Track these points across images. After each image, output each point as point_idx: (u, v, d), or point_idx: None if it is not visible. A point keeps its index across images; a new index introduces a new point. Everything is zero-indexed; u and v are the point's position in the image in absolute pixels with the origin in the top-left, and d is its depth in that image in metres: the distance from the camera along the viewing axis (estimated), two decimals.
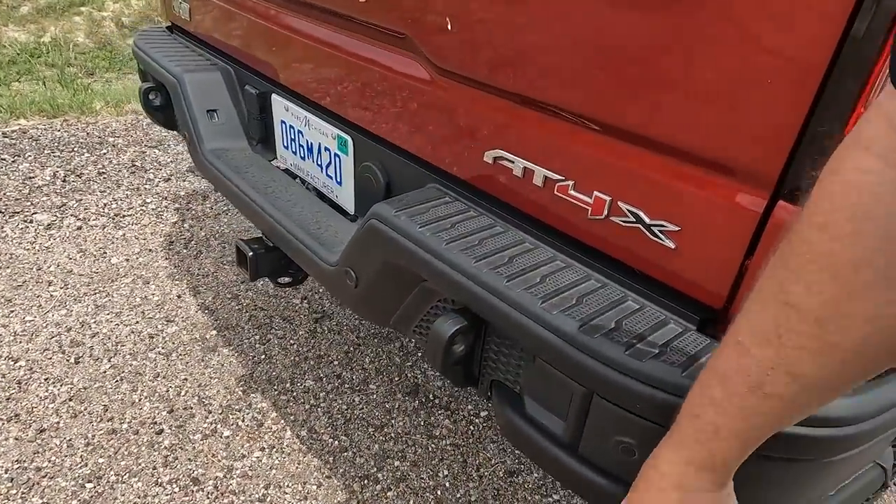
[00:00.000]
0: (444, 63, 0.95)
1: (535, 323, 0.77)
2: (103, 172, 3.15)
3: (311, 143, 1.38)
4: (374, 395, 1.95)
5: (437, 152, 1.03)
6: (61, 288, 2.27)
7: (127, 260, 2.48)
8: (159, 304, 2.25)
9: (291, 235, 1.23)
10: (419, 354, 2.13)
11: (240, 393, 1.90)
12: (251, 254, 1.38)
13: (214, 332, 2.14)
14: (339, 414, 1.87)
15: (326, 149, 1.33)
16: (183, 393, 1.88)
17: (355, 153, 1.25)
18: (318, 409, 1.88)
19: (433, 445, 1.80)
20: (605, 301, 0.80)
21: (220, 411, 1.83)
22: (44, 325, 2.08)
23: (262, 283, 2.44)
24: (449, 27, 0.90)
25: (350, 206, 1.33)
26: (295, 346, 2.13)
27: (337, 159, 1.31)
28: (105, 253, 2.51)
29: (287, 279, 1.51)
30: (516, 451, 1.80)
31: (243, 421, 1.81)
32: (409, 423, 1.86)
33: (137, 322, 2.15)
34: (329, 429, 1.81)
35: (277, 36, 1.34)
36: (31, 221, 2.66)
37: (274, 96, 1.46)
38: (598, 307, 0.79)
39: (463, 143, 0.97)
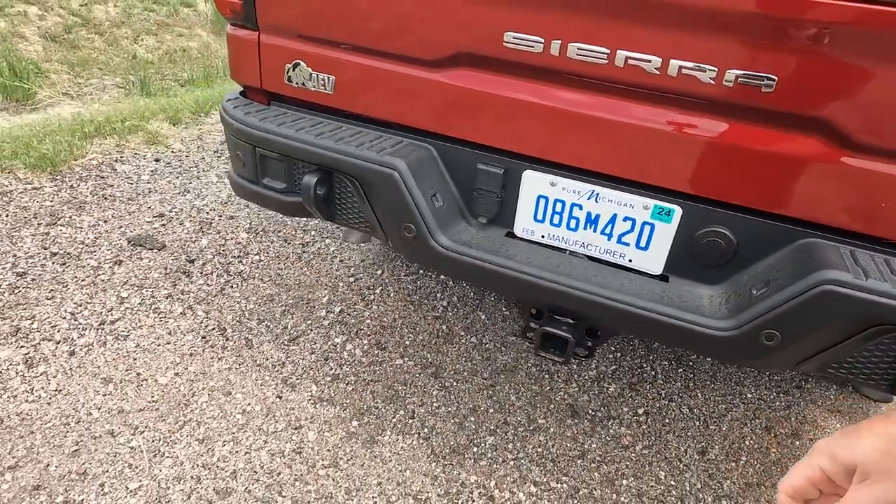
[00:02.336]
0: (874, 140, 1.10)
1: None
2: (22, 276, 2.43)
3: (596, 215, 1.39)
4: (551, 429, 2.02)
5: (836, 214, 1.18)
6: (134, 433, 1.81)
7: (176, 374, 2.05)
8: (267, 414, 1.94)
9: (649, 312, 1.27)
10: (549, 373, 2.22)
11: (442, 475, 1.81)
12: (571, 337, 1.36)
13: (356, 424, 1.95)
14: (541, 458, 1.90)
15: (628, 218, 1.36)
16: (395, 499, 1.72)
17: (682, 220, 1.32)
18: (521, 459, 1.88)
19: (633, 455, 1.96)
20: None
21: (444, 498, 1.73)
22: (166, 486, 1.67)
23: (346, 352, 2.24)
24: None
25: (655, 268, 1.39)
26: (442, 408, 2.05)
27: (647, 227, 1.35)
28: (140, 374, 2.03)
29: (584, 351, 1.49)
30: (690, 431, 2.06)
31: (473, 502, 1.74)
32: (599, 444, 1.98)
33: (265, 442, 1.84)
34: (546, 475, 1.85)
35: (568, 119, 1.30)
36: None
37: (528, 173, 1.41)
38: None
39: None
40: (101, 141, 3.75)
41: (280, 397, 2.01)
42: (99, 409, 1.88)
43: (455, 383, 2.16)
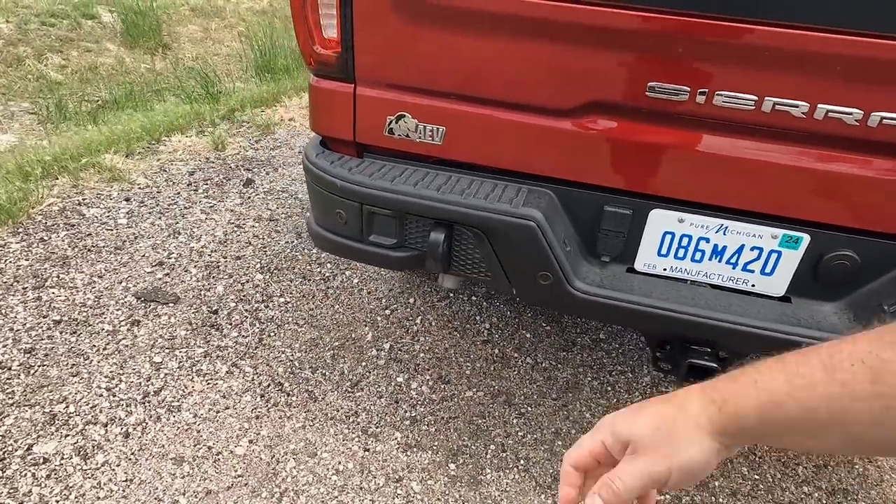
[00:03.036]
0: None
1: None
2: (31, 353, 2.18)
3: (723, 246, 1.45)
4: None
5: None
6: None
7: (251, 442, 1.92)
8: (363, 471, 1.87)
9: (792, 336, 1.36)
10: (609, 384, 2.30)
11: None
12: (718, 367, 1.41)
13: (454, 466, 1.92)
14: None
15: (756, 248, 1.44)
16: None
17: (810, 246, 1.41)
18: None
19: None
20: None
21: None
22: None
23: (413, 391, 2.20)
24: None
25: (778, 291, 1.48)
26: (527, 436, 2.07)
27: (773, 255, 1.43)
28: (212, 448, 1.89)
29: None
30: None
31: None
32: None
33: (373, 501, 1.78)
34: None
35: (704, 161, 1.35)
36: (43, 462, 1.78)
37: (656, 212, 1.44)
38: None
39: None
40: (53, 182, 3.40)
41: (368, 450, 1.94)
42: (184, 493, 1.73)
43: (529, 408, 2.18)
